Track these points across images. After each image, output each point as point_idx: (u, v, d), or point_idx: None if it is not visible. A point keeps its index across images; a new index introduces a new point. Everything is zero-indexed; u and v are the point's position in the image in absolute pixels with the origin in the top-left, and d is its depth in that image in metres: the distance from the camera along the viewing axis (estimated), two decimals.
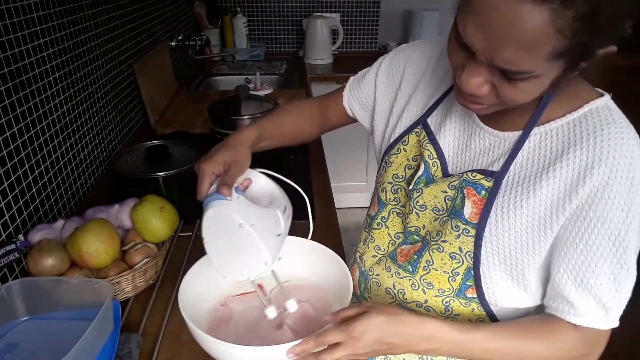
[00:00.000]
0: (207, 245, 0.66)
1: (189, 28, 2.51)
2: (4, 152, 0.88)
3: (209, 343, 0.61)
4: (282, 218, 0.70)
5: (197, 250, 0.80)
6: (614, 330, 0.64)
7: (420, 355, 0.79)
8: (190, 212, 1.04)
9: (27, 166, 0.96)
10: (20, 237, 0.89)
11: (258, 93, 1.92)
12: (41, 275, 0.81)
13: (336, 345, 0.59)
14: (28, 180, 0.96)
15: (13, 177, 0.91)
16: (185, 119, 1.71)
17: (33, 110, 0.98)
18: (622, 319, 0.62)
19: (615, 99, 0.62)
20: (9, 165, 0.90)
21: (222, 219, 0.64)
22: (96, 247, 0.82)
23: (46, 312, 0.78)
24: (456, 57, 0.57)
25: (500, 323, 0.70)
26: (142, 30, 1.72)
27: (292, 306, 0.71)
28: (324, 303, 0.77)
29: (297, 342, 0.59)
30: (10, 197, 0.89)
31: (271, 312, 0.71)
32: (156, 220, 0.90)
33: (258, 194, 0.74)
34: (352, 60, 2.76)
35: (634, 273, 0.61)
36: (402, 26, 2.95)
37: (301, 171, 1.39)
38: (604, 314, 0.61)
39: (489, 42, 0.50)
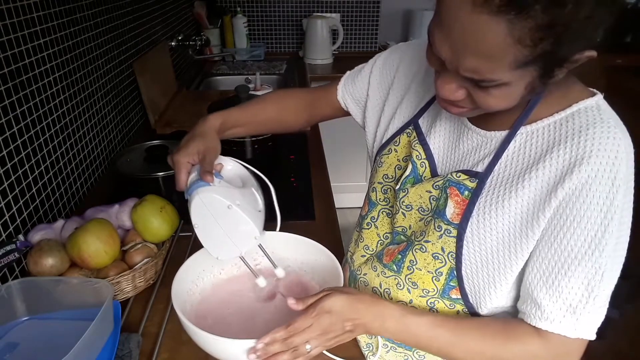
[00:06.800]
0: (198, 230, 0.71)
1: (189, 28, 2.51)
2: (4, 152, 0.88)
3: (206, 339, 0.61)
4: (258, 195, 0.76)
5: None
6: (618, 327, 0.60)
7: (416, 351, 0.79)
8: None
9: (27, 166, 0.96)
10: (20, 237, 0.89)
11: (258, 93, 1.92)
12: (41, 275, 0.81)
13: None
14: (28, 180, 0.96)
15: (13, 177, 0.91)
16: (185, 119, 1.71)
17: (33, 110, 0.98)
18: (625, 315, 0.58)
19: (614, 98, 0.60)
20: (9, 165, 0.90)
21: (209, 204, 0.68)
22: (96, 247, 0.82)
23: (46, 312, 0.78)
24: (432, 62, 0.58)
25: (454, 316, 0.69)
26: (142, 30, 1.72)
27: (280, 273, 0.77)
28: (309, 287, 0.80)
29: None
30: (10, 197, 0.90)
31: (261, 282, 0.76)
32: (156, 220, 0.90)
33: (230, 176, 0.78)
34: (352, 60, 2.72)
35: (612, 280, 0.58)
36: (402, 26, 2.95)
37: (301, 171, 1.39)
38: (573, 321, 0.59)
39: (452, 51, 0.51)
